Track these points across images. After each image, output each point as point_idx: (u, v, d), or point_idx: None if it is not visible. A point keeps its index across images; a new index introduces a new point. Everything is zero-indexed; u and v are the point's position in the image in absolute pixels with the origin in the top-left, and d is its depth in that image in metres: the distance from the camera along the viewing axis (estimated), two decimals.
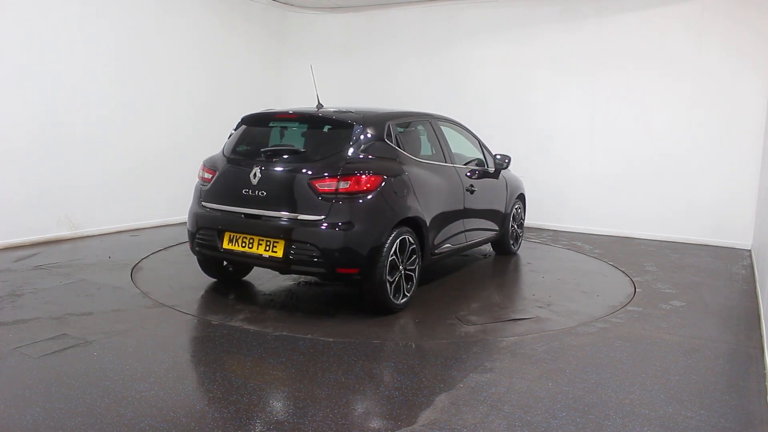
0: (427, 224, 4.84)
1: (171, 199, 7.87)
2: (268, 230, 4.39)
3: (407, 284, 4.67)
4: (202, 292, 5.10)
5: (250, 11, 9.32)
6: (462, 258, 6.63)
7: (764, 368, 3.71)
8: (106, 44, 7.15)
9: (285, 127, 4.98)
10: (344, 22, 9.92)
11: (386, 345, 3.96)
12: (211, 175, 4.82)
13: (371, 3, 9.47)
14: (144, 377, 3.30)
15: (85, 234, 7.05)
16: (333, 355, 3.77)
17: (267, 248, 4.40)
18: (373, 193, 4.35)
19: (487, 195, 6.10)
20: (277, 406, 3.05)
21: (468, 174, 5.77)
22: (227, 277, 5.40)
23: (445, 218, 5.22)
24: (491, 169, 6.25)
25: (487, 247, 6.99)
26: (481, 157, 6.20)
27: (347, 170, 4.33)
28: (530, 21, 8.55)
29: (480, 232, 6.00)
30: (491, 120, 8.65)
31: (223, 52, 8.85)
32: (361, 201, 4.31)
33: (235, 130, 5.09)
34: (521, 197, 6.96)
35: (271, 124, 5.01)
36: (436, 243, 5.07)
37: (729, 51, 7.40)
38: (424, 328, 4.36)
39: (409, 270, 4.68)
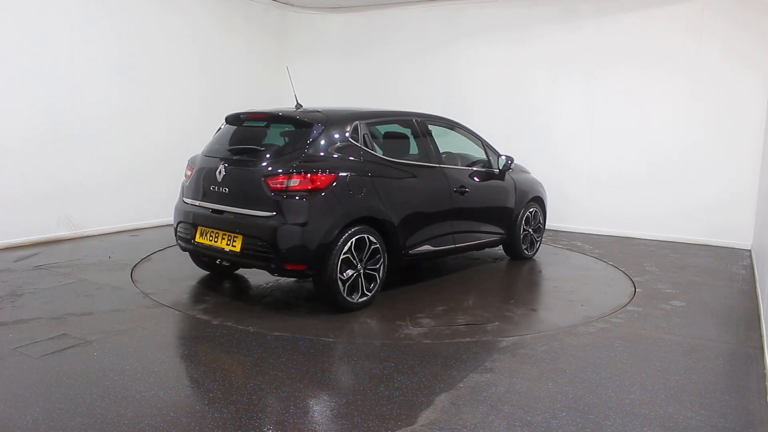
0: (395, 224, 4.81)
1: (171, 199, 7.76)
2: (229, 225, 4.57)
3: (369, 284, 4.67)
4: (202, 292, 5.11)
5: (250, 11, 9.32)
6: (468, 260, 6.57)
7: (764, 368, 3.71)
8: (106, 44, 7.15)
9: (255, 127, 5.11)
10: (344, 22, 9.92)
11: (386, 345, 3.96)
12: (191, 173, 5.08)
13: (371, 3, 9.47)
14: (144, 377, 3.31)
15: (85, 234, 7.05)
16: (333, 355, 3.77)
17: (228, 242, 4.57)
18: (324, 191, 4.38)
19: (488, 197, 5.96)
20: (277, 406, 3.05)
21: (469, 175, 5.73)
22: (219, 271, 5.54)
23: (423, 219, 5.14)
24: (495, 171, 6.08)
25: (500, 251, 6.81)
26: (484, 158, 6.08)
27: (299, 168, 4.39)
28: (530, 21, 8.55)
29: (477, 235, 5.88)
30: (491, 120, 8.64)
31: (223, 52, 8.85)
32: (310, 198, 4.35)
33: (220, 128, 5.29)
34: (537, 200, 6.64)
35: (245, 124, 5.15)
36: (409, 244, 5.02)
37: (729, 50, 7.40)
38: (368, 327, 4.33)
39: (371, 269, 4.67)
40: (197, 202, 4.89)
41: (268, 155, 4.64)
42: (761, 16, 7.19)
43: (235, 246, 4.51)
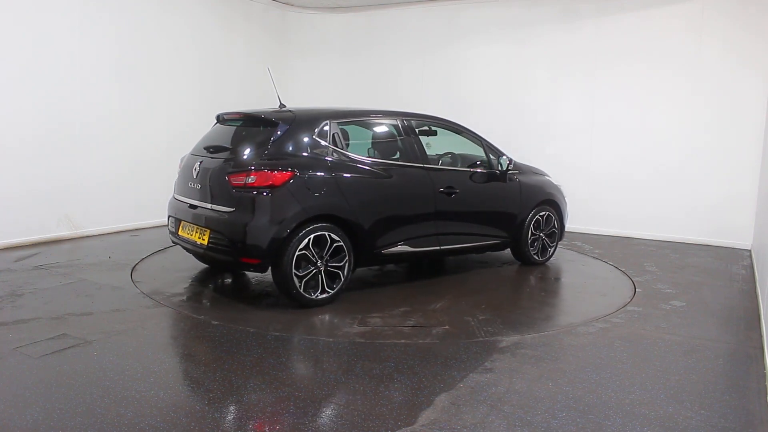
0: (362, 223, 4.83)
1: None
2: (200, 219, 4.80)
3: (333, 281, 4.71)
4: (202, 292, 5.11)
5: (250, 11, 9.32)
6: (474, 263, 6.43)
7: (764, 368, 3.71)
8: (106, 44, 7.15)
9: (233, 126, 5.23)
10: (344, 22, 9.92)
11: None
12: (179, 170, 5.39)
13: (371, 3, 9.47)
14: (144, 377, 3.31)
15: (85, 234, 7.05)
16: (333, 355, 3.77)
17: (199, 236, 4.78)
18: (279, 188, 4.49)
19: (484, 199, 5.80)
20: (277, 406, 3.05)
21: (465, 176, 5.63)
22: (216, 266, 5.67)
23: (399, 219, 5.11)
24: (496, 172, 5.87)
25: (508, 255, 6.51)
26: (484, 159, 5.88)
27: (257, 166, 4.54)
28: (530, 21, 8.55)
29: (470, 237, 5.74)
30: (491, 120, 8.64)
31: (223, 52, 8.85)
32: (265, 195, 4.47)
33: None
34: (551, 203, 6.35)
35: (226, 123, 5.31)
36: (382, 243, 5.01)
37: (729, 50, 7.39)
38: (314, 323, 4.36)
39: (334, 267, 4.70)
40: (180, 197, 5.18)
41: (234, 153, 4.81)
42: (761, 16, 7.19)
43: (203, 240, 4.72)
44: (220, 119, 5.37)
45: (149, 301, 4.71)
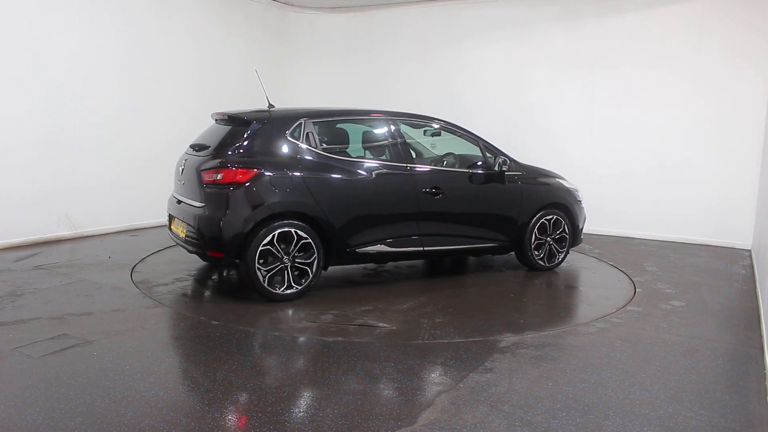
0: (331, 221, 4.88)
1: None
2: (181, 214, 5.05)
3: (301, 278, 4.80)
4: (202, 292, 5.12)
5: (250, 11, 9.32)
6: (479, 266, 6.38)
7: (764, 368, 3.71)
8: (106, 44, 7.15)
9: (220, 125, 5.35)
10: (344, 22, 9.92)
11: (384, 344, 3.95)
12: None
13: (371, 3, 9.47)
14: (144, 377, 3.31)
15: (85, 234, 7.05)
16: (333, 355, 3.77)
17: (181, 230, 5.03)
18: (244, 185, 4.65)
19: (476, 200, 5.63)
20: (277, 406, 3.05)
21: (459, 177, 5.55)
22: (214, 263, 5.77)
23: (374, 218, 5.10)
24: (493, 173, 5.67)
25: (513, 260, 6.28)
26: (481, 159, 5.72)
27: (224, 163, 4.75)
28: (530, 21, 8.55)
29: (461, 240, 5.57)
30: (491, 120, 8.64)
31: (223, 52, 8.85)
32: (230, 191, 4.66)
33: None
34: (560, 207, 6.04)
35: (217, 123, 5.46)
36: (356, 242, 5.03)
37: (729, 50, 7.39)
38: (268, 317, 4.44)
39: (302, 263, 4.77)
40: (173, 194, 5.43)
41: (211, 151, 4.96)
42: (761, 16, 7.19)
43: (183, 233, 4.97)
44: (213, 119, 5.53)
45: (149, 301, 4.72)
